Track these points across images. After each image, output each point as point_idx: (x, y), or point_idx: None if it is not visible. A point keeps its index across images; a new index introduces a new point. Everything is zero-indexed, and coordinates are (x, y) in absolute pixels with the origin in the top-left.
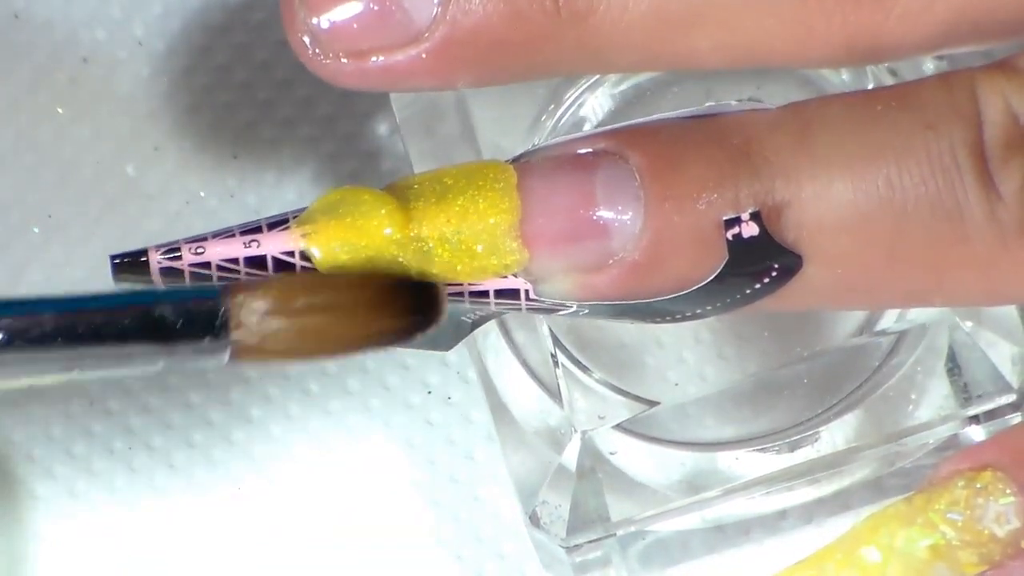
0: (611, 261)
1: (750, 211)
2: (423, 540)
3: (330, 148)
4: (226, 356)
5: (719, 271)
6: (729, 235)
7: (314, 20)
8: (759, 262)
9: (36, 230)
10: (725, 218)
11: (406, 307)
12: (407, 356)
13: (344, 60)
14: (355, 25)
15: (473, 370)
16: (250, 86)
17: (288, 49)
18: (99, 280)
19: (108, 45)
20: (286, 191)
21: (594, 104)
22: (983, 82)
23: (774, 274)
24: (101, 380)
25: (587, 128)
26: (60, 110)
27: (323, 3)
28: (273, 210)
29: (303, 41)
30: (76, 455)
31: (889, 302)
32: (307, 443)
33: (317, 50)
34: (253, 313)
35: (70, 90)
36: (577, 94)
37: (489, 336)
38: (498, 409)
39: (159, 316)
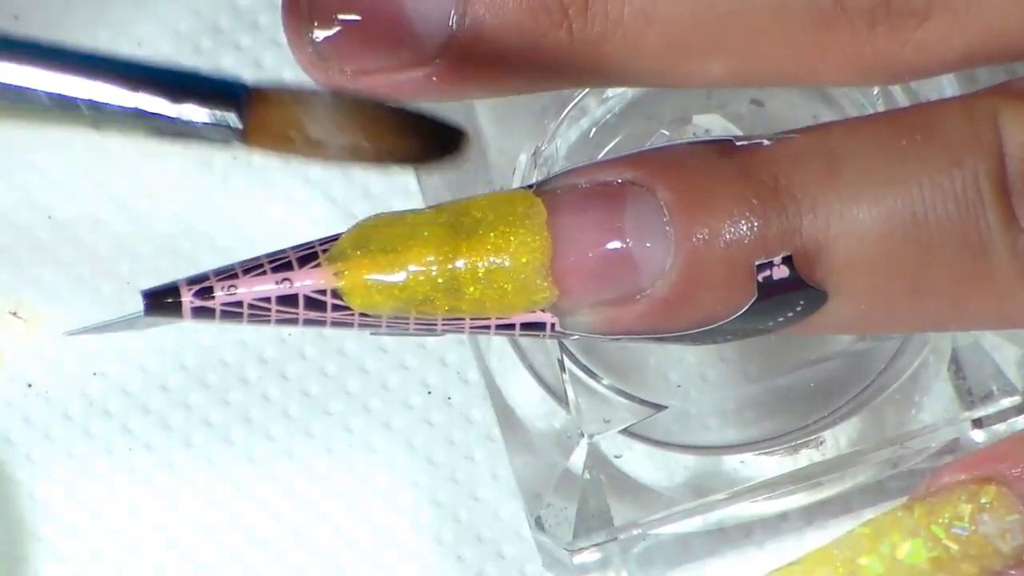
0: (639, 297)
1: (782, 255)
2: (423, 540)
3: None
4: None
5: (746, 308)
6: (760, 277)
7: (321, 37)
8: (785, 300)
9: (36, 231)
10: (758, 262)
11: (424, 135)
12: (407, 356)
13: (348, 76)
14: (362, 46)
15: (473, 370)
16: None
17: (301, 68)
18: (99, 281)
19: (108, 46)
20: (289, 193)
21: (598, 105)
22: (1005, 112)
23: (799, 309)
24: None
25: (591, 131)
26: None
27: (330, 22)
28: (275, 210)
29: (307, 55)
30: (76, 456)
31: (908, 330)
32: (307, 444)
33: (322, 65)
34: (273, 99)
35: None
36: (581, 96)
37: (492, 339)
38: (502, 411)
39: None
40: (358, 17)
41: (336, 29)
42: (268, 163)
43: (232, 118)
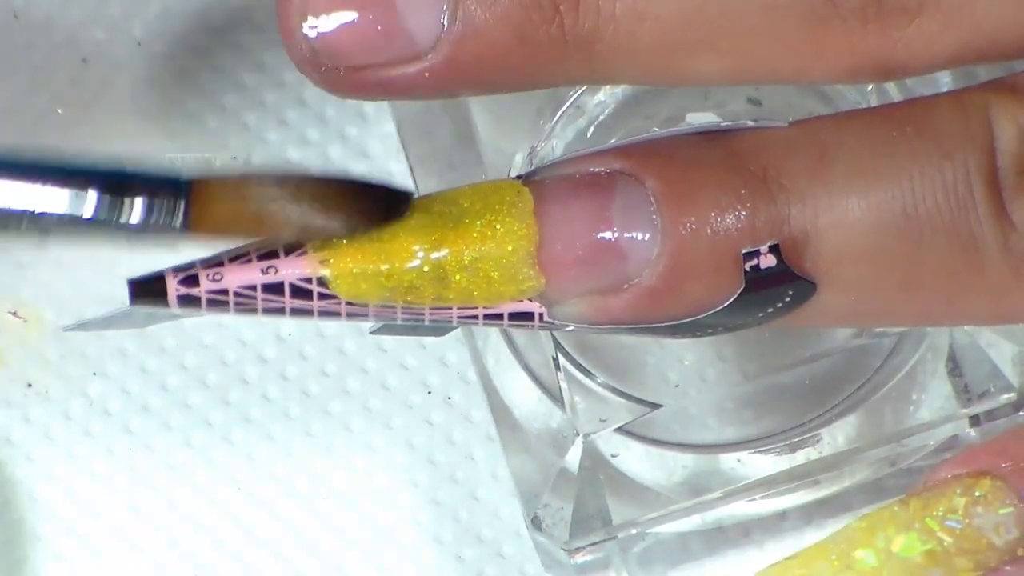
0: (626, 286)
1: (769, 244)
2: (423, 540)
3: (333, 151)
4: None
5: (734, 298)
6: (747, 266)
7: (313, 33)
8: (774, 290)
9: None
10: (744, 251)
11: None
12: (407, 356)
13: (342, 73)
14: (356, 42)
15: (473, 370)
16: (251, 87)
17: (294, 64)
18: (100, 281)
19: (108, 45)
20: None
21: (594, 104)
22: (997, 106)
23: (788, 299)
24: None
25: (589, 130)
26: (60, 110)
27: (323, 19)
28: None
29: (300, 51)
30: (76, 456)
31: (899, 324)
32: (307, 444)
33: (315, 61)
34: (210, 188)
35: (70, 90)
36: (577, 95)
37: (490, 338)
38: (499, 411)
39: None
40: (355, 14)
41: (330, 26)
42: (265, 165)
43: (177, 216)
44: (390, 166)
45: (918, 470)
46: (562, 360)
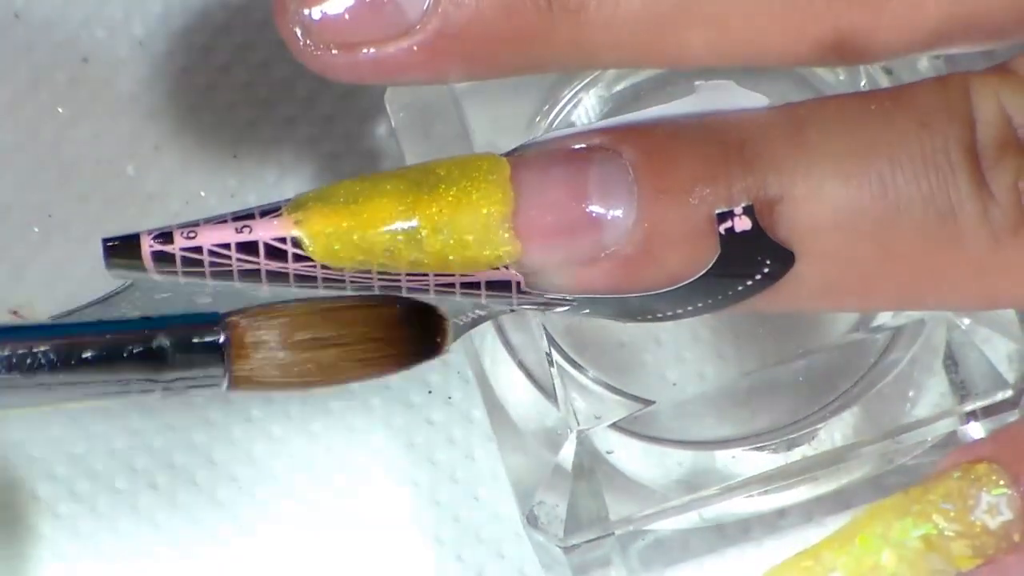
0: (603, 254)
1: (743, 205)
2: (423, 540)
3: (330, 148)
4: (224, 385)
5: (711, 266)
6: (721, 229)
7: (305, 11)
8: (751, 257)
9: (36, 230)
10: (718, 212)
11: (410, 339)
12: None
13: (335, 52)
14: (346, 17)
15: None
16: (250, 85)
17: (288, 49)
18: (100, 280)
19: (108, 45)
20: (286, 191)
21: (589, 104)
22: (977, 83)
23: (766, 271)
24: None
25: None
26: (60, 110)
27: None
28: None
29: (294, 32)
30: (77, 456)
31: (882, 303)
32: (307, 443)
33: (308, 41)
34: (253, 346)
35: (70, 90)
36: (572, 93)
37: (486, 338)
38: (495, 410)
39: (157, 347)
40: None
41: (322, 5)
42: (264, 163)
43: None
44: (383, 164)
45: (916, 467)
46: (556, 357)
